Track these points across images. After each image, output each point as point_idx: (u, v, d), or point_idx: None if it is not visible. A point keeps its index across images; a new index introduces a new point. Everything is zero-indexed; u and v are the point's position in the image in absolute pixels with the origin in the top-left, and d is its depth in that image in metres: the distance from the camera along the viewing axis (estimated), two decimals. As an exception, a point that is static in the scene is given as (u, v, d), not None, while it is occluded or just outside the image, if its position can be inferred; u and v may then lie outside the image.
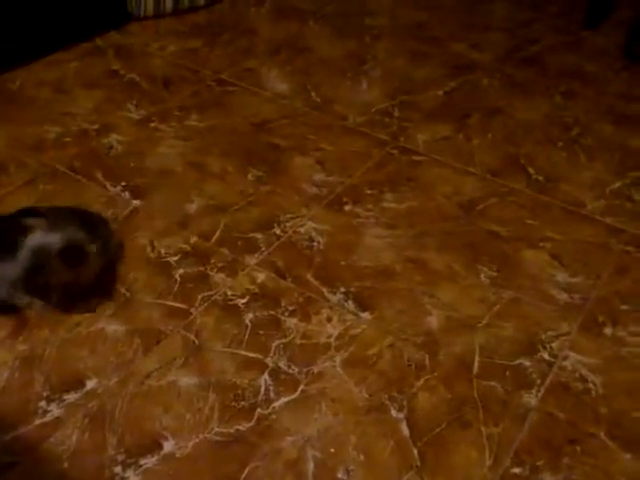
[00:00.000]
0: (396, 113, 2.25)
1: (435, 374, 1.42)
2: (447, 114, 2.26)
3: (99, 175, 1.91)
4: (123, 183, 1.89)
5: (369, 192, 1.91)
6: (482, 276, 1.66)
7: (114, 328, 1.48)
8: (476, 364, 1.44)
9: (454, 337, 1.50)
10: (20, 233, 1.47)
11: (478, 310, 1.57)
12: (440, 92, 2.37)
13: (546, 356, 1.47)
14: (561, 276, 1.67)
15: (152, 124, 2.14)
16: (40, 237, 1.47)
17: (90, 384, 1.37)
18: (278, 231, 1.77)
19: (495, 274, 1.66)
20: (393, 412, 1.34)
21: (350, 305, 1.57)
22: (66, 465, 1.22)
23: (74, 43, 2.50)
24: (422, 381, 1.40)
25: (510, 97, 2.36)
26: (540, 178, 1.99)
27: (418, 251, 1.72)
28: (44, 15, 2.37)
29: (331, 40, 2.68)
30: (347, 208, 1.85)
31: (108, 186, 1.88)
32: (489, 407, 1.36)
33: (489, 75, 2.48)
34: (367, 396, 1.37)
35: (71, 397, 1.34)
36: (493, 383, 1.41)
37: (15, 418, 1.29)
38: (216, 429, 1.29)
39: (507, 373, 1.43)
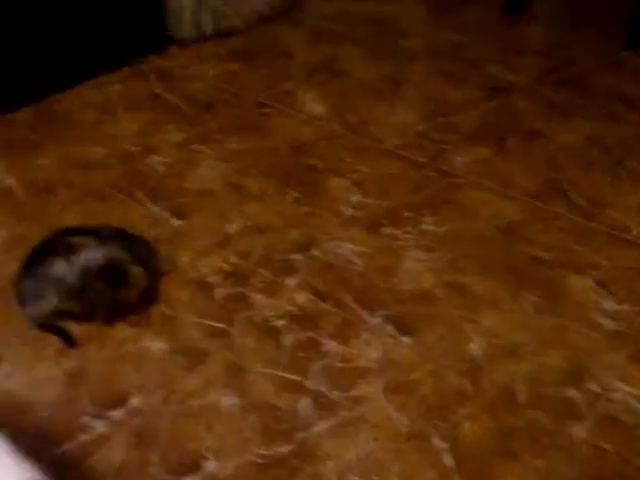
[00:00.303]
0: (433, 135, 2.25)
1: (478, 402, 1.40)
2: (485, 136, 2.26)
3: (142, 195, 1.95)
4: (165, 203, 1.92)
5: (407, 215, 1.91)
6: (525, 302, 1.64)
7: (158, 346, 1.50)
8: (521, 393, 1.42)
9: (497, 364, 1.48)
10: (68, 252, 1.51)
11: (522, 337, 1.55)
12: (477, 114, 2.37)
13: (594, 386, 1.44)
14: (608, 303, 1.64)
15: (193, 146, 2.17)
16: (85, 256, 1.50)
17: (134, 401, 1.39)
18: (316, 252, 1.77)
19: (539, 300, 1.64)
20: (435, 440, 1.33)
21: (390, 329, 1.56)
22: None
23: (118, 67, 2.55)
24: (465, 409, 1.39)
25: (549, 119, 2.35)
26: (583, 202, 1.96)
27: (458, 275, 1.71)
28: (89, 40, 2.43)
29: (366, 62, 2.70)
30: (385, 230, 1.85)
31: (151, 206, 1.91)
32: (535, 438, 1.34)
33: (526, 97, 2.48)
34: (408, 422, 1.36)
35: (115, 414, 1.36)
36: (539, 413, 1.38)
37: (61, 434, 1.31)
38: (257, 451, 1.30)
39: (553, 403, 1.40)
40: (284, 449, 1.30)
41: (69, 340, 1.50)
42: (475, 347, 1.52)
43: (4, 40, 2.17)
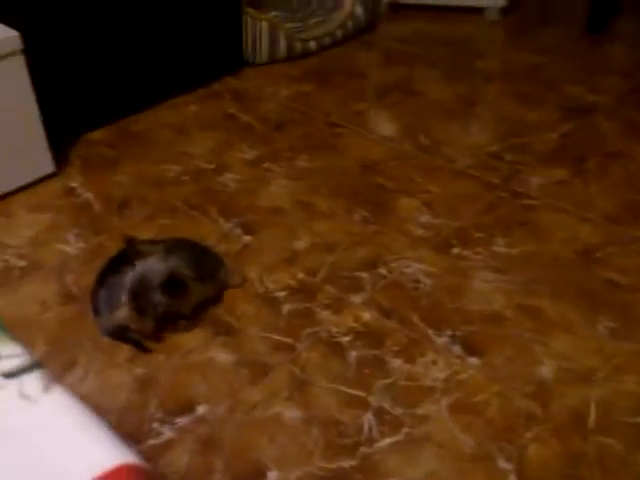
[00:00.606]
0: (507, 156, 2.22)
1: (547, 426, 1.36)
2: (562, 158, 2.20)
3: (213, 211, 1.99)
4: (235, 220, 1.96)
5: (478, 235, 1.88)
6: (600, 326, 1.58)
7: (224, 357, 1.52)
8: (592, 419, 1.37)
9: (568, 389, 1.43)
10: (134, 259, 1.56)
11: (595, 362, 1.49)
12: (555, 135, 2.32)
13: (671, 414, 1.37)
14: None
15: (264, 164, 2.21)
16: (146, 265, 1.54)
17: (200, 410, 1.41)
18: (384, 271, 1.77)
19: (614, 325, 1.58)
20: (501, 462, 1.29)
21: (457, 349, 1.54)
22: (157, 474, 1.25)
23: (194, 88, 2.64)
24: (533, 432, 1.34)
25: (630, 141, 2.27)
26: (664, 227, 1.89)
27: (530, 297, 1.67)
28: (167, 62, 2.53)
29: (440, 83, 2.69)
30: (455, 251, 1.83)
31: (221, 222, 1.95)
32: (606, 465, 1.28)
33: (607, 118, 2.41)
34: (474, 444, 1.33)
35: (182, 421, 1.38)
36: (611, 440, 1.33)
37: (130, 438, 1.34)
38: (319, 464, 1.29)
39: (626, 430, 1.34)
40: (346, 464, 1.29)
41: (142, 347, 1.54)
42: (545, 370, 1.47)
43: (85, 63, 2.28)
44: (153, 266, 1.54)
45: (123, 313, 1.54)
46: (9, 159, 2.00)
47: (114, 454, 0.55)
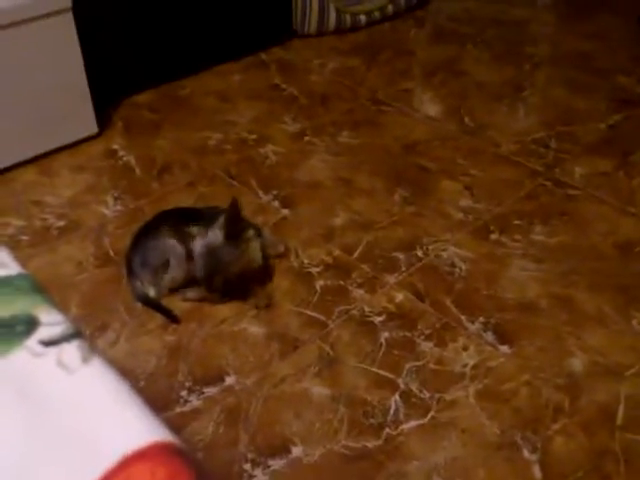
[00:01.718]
0: (553, 144, 2.18)
1: (574, 419, 1.35)
2: (608, 149, 2.15)
3: (253, 182, 2.00)
4: (274, 192, 1.96)
5: (517, 223, 1.85)
6: (635, 322, 1.56)
7: (255, 330, 1.54)
8: (620, 414, 1.36)
9: (598, 383, 1.42)
10: (177, 229, 1.58)
11: (627, 358, 1.47)
12: (602, 125, 2.27)
13: (703, 416, 1.35)
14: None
15: (306, 138, 2.20)
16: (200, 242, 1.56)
17: (229, 380, 1.43)
18: (420, 253, 1.76)
19: (650, 322, 1.56)
20: (526, 452, 1.29)
21: (489, 336, 1.53)
22: (200, 455, 1.27)
23: (240, 56, 2.63)
24: (559, 424, 1.34)
25: (680, 136, 2.21)
26: None
27: (566, 289, 1.65)
28: (214, 29, 2.52)
29: (489, 65, 2.64)
30: (493, 237, 1.81)
31: (260, 193, 1.96)
32: (632, 462, 1.27)
33: (657, 111, 2.35)
34: (499, 432, 1.33)
35: (210, 391, 1.40)
36: (639, 437, 1.31)
37: (158, 404, 1.36)
38: (344, 442, 1.30)
39: (655, 429, 1.33)
40: (371, 444, 1.30)
41: (172, 317, 1.56)
42: (577, 363, 1.46)
43: (134, 25, 2.29)
44: (209, 238, 1.54)
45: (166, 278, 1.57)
46: (53, 118, 2.03)
47: (149, 431, 0.55)
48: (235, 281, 1.56)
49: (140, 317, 1.57)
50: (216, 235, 1.52)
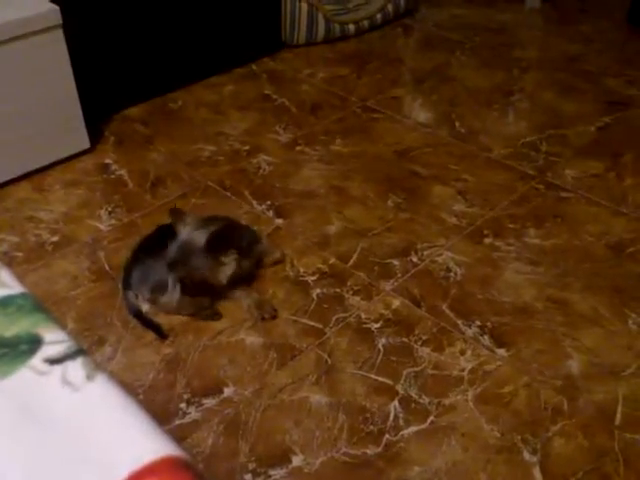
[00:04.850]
0: (543, 147, 2.19)
1: (573, 420, 1.35)
2: (599, 151, 2.17)
3: (247, 193, 2.00)
4: (268, 202, 1.96)
5: (511, 226, 1.86)
6: (630, 322, 1.56)
7: (252, 340, 1.54)
8: (619, 415, 1.36)
9: (596, 384, 1.43)
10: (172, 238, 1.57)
11: (624, 358, 1.48)
12: (592, 128, 2.29)
13: (701, 414, 1.36)
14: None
15: (298, 147, 2.21)
16: (184, 236, 1.55)
17: (227, 391, 1.42)
18: (415, 259, 1.76)
19: (646, 322, 1.57)
20: (526, 454, 1.29)
21: (485, 340, 1.53)
22: (201, 467, 1.27)
23: (231, 68, 2.64)
24: (559, 426, 1.34)
25: (669, 136, 2.23)
26: (701, 223, 1.86)
27: (561, 291, 1.66)
28: (204, 41, 2.53)
29: (478, 71, 2.66)
30: (487, 241, 1.82)
31: (254, 204, 1.96)
32: (631, 462, 1.27)
33: (646, 112, 2.37)
34: (499, 435, 1.33)
35: (209, 402, 1.40)
36: (637, 437, 1.32)
37: (157, 417, 1.35)
38: (344, 450, 1.30)
39: (654, 428, 1.34)
40: (371, 451, 1.30)
41: (161, 333, 1.55)
42: (574, 364, 1.47)
43: (124, 39, 2.29)
44: (189, 236, 1.55)
45: (174, 297, 1.57)
46: (45, 134, 2.03)
47: (157, 446, 0.55)
48: (189, 285, 1.56)
49: (136, 330, 1.57)
50: (199, 238, 1.53)
